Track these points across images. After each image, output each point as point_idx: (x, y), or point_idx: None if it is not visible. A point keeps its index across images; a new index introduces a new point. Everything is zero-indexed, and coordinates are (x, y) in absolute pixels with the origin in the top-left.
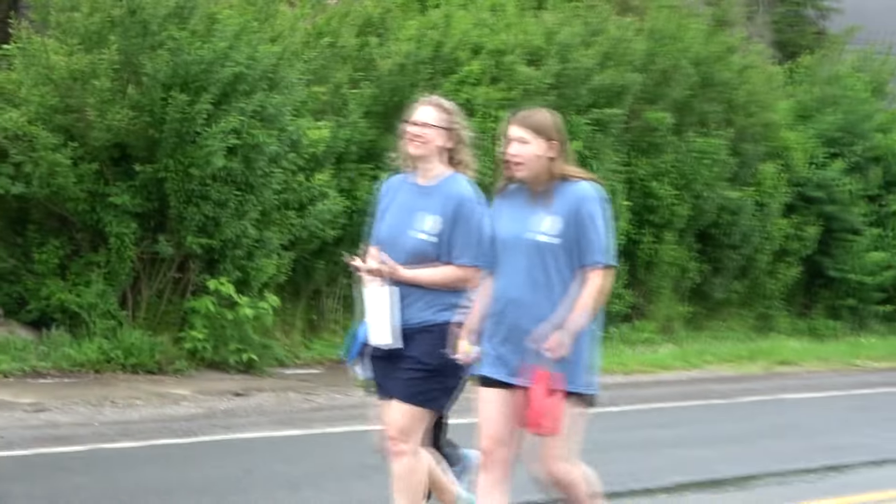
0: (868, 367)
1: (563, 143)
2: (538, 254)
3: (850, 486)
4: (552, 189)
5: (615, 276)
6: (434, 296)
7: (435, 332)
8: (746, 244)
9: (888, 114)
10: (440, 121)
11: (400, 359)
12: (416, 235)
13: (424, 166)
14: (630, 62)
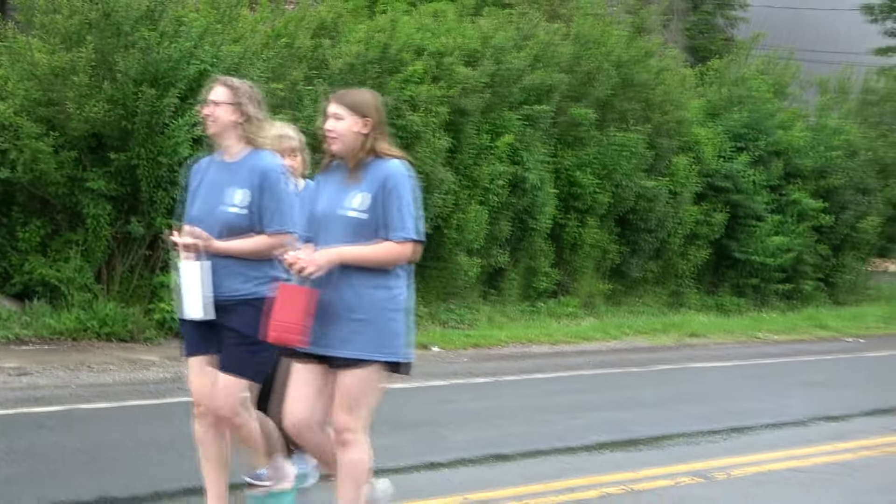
0: (769, 340)
1: (378, 122)
2: (349, 229)
3: (751, 446)
4: (365, 166)
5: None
6: (253, 269)
7: (255, 304)
8: (661, 228)
9: (788, 112)
10: (229, 98)
11: (221, 330)
12: (226, 209)
13: (225, 143)
14: (557, 64)
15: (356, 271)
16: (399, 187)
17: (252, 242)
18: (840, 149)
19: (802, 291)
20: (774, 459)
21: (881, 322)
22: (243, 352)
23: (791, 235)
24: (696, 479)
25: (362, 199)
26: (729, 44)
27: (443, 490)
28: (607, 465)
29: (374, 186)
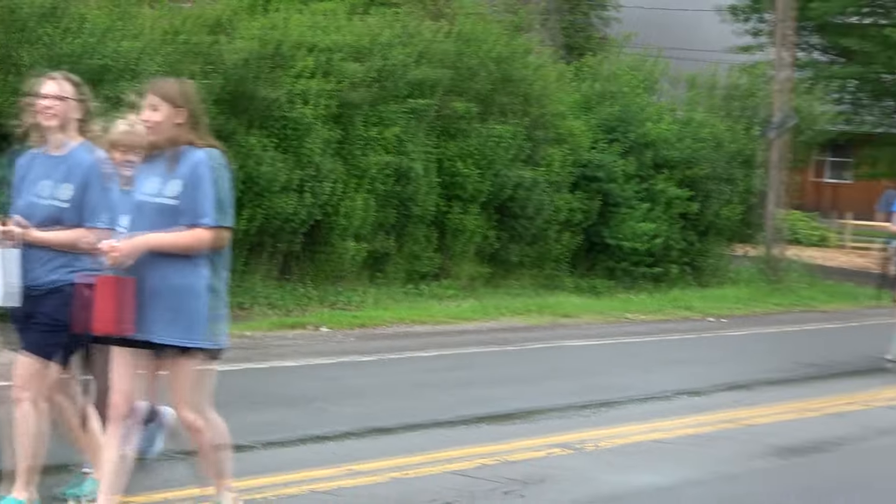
0: (637, 320)
1: (192, 112)
2: (162, 216)
3: (619, 419)
4: (179, 154)
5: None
6: (66, 258)
7: (65, 291)
8: (538, 216)
9: (657, 106)
10: (70, 93)
11: (33, 316)
12: (50, 202)
13: (54, 137)
14: (441, 60)
15: (163, 258)
16: (205, 175)
17: (70, 234)
18: (706, 141)
19: (669, 274)
20: (640, 432)
21: (741, 303)
22: (48, 334)
23: (659, 222)
24: (567, 451)
25: (174, 186)
26: (603, 42)
27: (329, 461)
28: (483, 437)
29: (184, 174)
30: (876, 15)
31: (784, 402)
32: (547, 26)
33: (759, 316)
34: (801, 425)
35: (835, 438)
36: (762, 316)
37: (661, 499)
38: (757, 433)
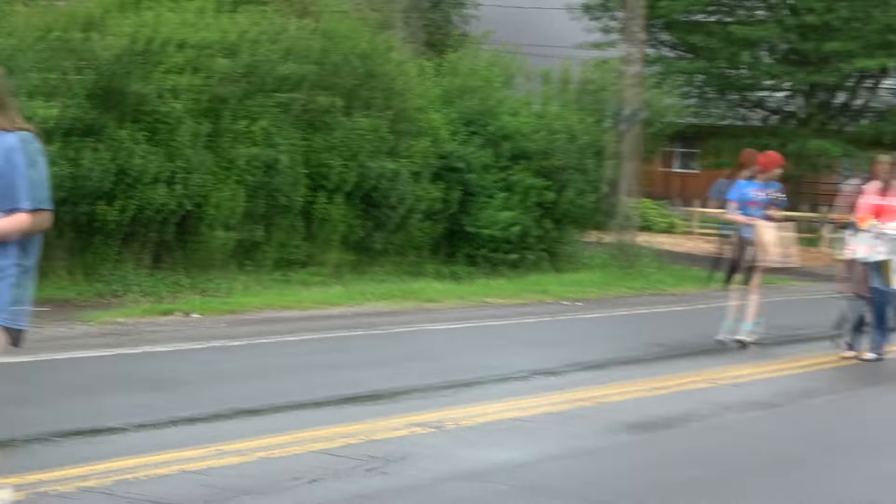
0: (496, 304)
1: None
2: None
3: (480, 399)
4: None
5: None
6: None
7: None
8: (401, 205)
9: (515, 100)
10: None
11: None
12: None
13: None
14: (307, 56)
15: None
16: (19, 159)
17: None
18: (560, 133)
19: (526, 260)
20: (500, 410)
21: (595, 287)
22: None
23: (517, 211)
24: (428, 429)
25: None
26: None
27: (198, 442)
28: (348, 417)
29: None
30: (720, 13)
31: (635, 380)
32: (409, 24)
33: (612, 299)
34: (651, 402)
35: (683, 414)
36: (615, 299)
37: (518, 474)
38: (610, 410)
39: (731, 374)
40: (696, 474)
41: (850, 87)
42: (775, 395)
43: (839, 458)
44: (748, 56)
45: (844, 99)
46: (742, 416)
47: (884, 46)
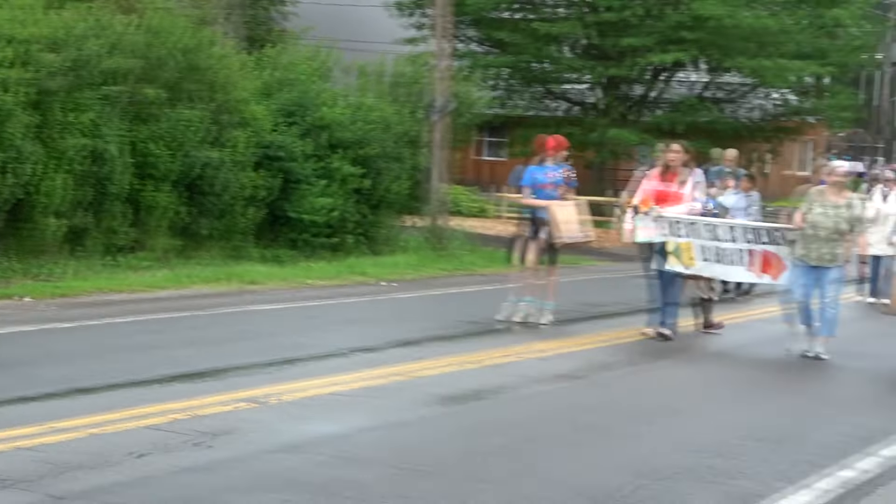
0: (317, 286)
1: None
2: None
3: (300, 375)
4: None
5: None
6: None
7: None
8: (224, 193)
9: (331, 92)
10: None
11: None
12: None
13: None
14: (132, 51)
15: None
16: None
17: None
18: (375, 123)
19: (345, 244)
20: (319, 386)
21: (410, 269)
22: None
23: (335, 197)
24: (252, 405)
25: None
26: (282, 34)
27: (32, 420)
28: (176, 394)
29: None
30: (525, 10)
31: (448, 356)
32: (230, 20)
33: (427, 280)
34: (464, 376)
35: (493, 387)
36: (429, 280)
37: (337, 445)
38: (425, 384)
39: (538, 349)
40: (505, 442)
41: (646, 80)
42: (579, 368)
43: (640, 426)
44: (551, 51)
45: (641, 91)
46: (548, 387)
47: (677, 42)
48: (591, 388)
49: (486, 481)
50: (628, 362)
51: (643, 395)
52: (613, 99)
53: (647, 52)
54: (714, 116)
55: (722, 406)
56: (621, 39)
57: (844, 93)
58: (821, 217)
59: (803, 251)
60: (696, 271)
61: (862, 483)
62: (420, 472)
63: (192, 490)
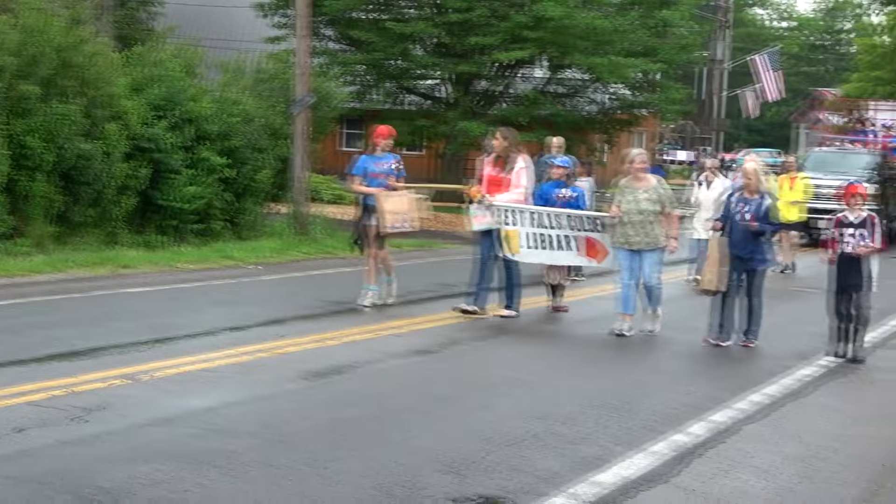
0: (186, 269)
1: None
2: None
3: (171, 353)
4: None
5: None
6: None
7: None
8: (98, 182)
9: (197, 88)
10: None
11: None
12: None
13: None
14: (7, 49)
15: None
16: None
17: None
18: (239, 116)
19: (213, 230)
20: (189, 363)
21: (275, 252)
22: None
23: (203, 186)
24: (126, 381)
25: None
26: (150, 33)
27: None
28: (54, 372)
29: None
30: (379, 11)
31: (310, 333)
32: (101, 20)
33: (290, 263)
34: (325, 352)
35: (352, 362)
36: (292, 263)
37: (207, 418)
38: (288, 360)
39: (392, 326)
40: (363, 412)
41: (492, 76)
42: (432, 344)
43: (489, 396)
44: (404, 49)
45: (486, 86)
46: (404, 361)
47: (520, 41)
48: (443, 362)
49: (347, 450)
50: (478, 338)
51: (492, 367)
52: (462, 93)
53: (493, 51)
54: (554, 109)
55: (564, 377)
56: (468, 38)
57: (673, 88)
58: (630, 205)
59: (622, 238)
60: (520, 258)
61: (694, 446)
62: (285, 442)
63: (70, 462)
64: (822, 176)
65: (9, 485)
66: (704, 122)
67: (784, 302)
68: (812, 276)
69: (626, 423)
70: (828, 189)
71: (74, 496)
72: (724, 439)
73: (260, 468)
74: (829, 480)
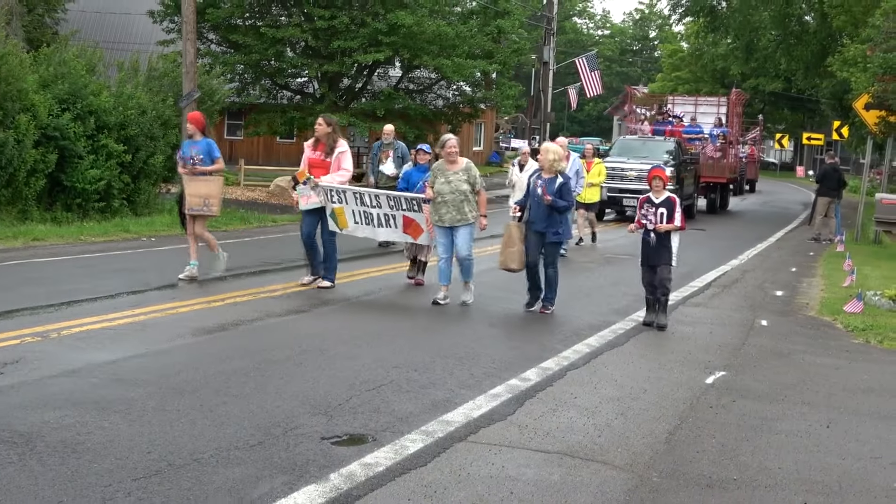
0: (90, 241)
1: None
2: None
3: (76, 314)
4: None
5: None
6: None
7: None
8: (10, 166)
9: (97, 84)
10: None
11: None
12: None
13: None
14: None
15: None
16: None
17: None
18: (134, 109)
19: (112, 207)
20: (94, 322)
21: (166, 227)
22: None
23: (103, 169)
24: (37, 339)
25: None
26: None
27: None
28: None
29: None
30: (254, 17)
31: (198, 297)
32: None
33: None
34: (211, 312)
35: (234, 320)
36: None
37: (109, 370)
38: (179, 320)
39: (269, 290)
40: (246, 364)
41: (352, 75)
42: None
43: (351, 348)
44: (276, 51)
45: (348, 83)
46: (281, 319)
47: (377, 44)
48: (313, 320)
49: (231, 396)
50: (344, 299)
51: (353, 324)
52: (328, 89)
53: (354, 53)
54: (407, 104)
55: (412, 333)
56: (333, 42)
57: (508, 85)
58: (443, 186)
59: (436, 216)
60: (350, 232)
61: (528, 389)
62: (178, 390)
63: None
64: (626, 160)
65: None
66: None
67: (602, 267)
68: (622, 245)
69: (470, 370)
70: (630, 171)
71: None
72: (553, 382)
73: (156, 413)
74: (640, 416)
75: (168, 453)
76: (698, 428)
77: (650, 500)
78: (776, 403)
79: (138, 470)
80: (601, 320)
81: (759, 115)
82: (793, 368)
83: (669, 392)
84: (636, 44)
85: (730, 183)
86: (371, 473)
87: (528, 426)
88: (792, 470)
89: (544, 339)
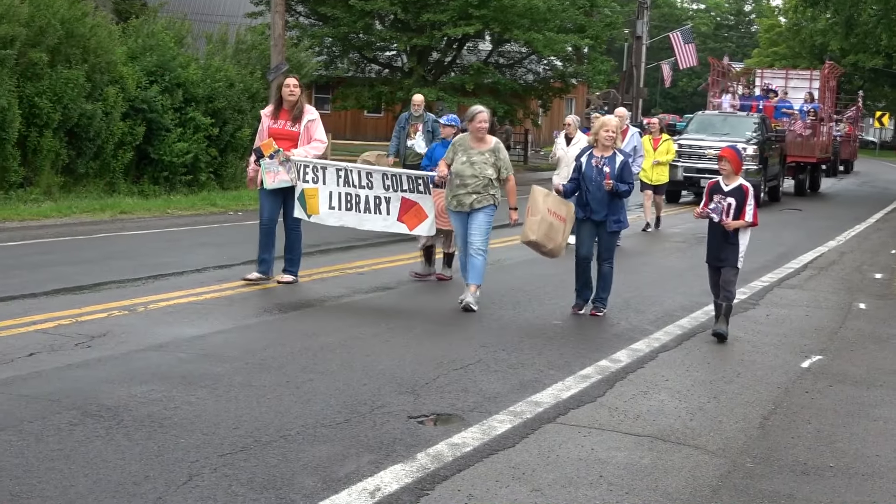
0: (177, 215)
1: None
2: None
3: (164, 288)
4: None
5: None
6: None
7: None
8: (98, 138)
9: (185, 56)
10: None
11: None
12: None
13: None
14: (18, 20)
15: None
16: None
17: None
18: (222, 81)
19: (199, 181)
20: (180, 297)
21: (253, 200)
22: None
23: (190, 142)
24: (124, 312)
25: None
26: (144, 8)
27: None
28: (60, 305)
29: None
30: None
31: None
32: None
33: None
34: (298, 288)
35: (321, 297)
36: None
37: (195, 344)
38: (266, 294)
39: (356, 266)
40: (332, 341)
41: (441, 49)
42: (388, 282)
43: (437, 326)
44: (365, 24)
45: (437, 57)
46: (367, 296)
47: (465, 18)
48: (399, 298)
49: (318, 372)
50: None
51: (440, 302)
52: (416, 63)
53: (444, 26)
54: (496, 78)
55: (501, 312)
56: (422, 15)
57: (600, 60)
58: (464, 167)
59: (454, 202)
60: (320, 220)
61: (618, 370)
62: (263, 365)
63: (77, 383)
64: (704, 137)
65: (23, 402)
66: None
67: (693, 247)
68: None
69: (559, 350)
70: (710, 150)
71: (81, 412)
72: (643, 364)
73: (242, 388)
74: (733, 400)
75: (255, 429)
76: (793, 413)
77: (743, 485)
78: (874, 389)
79: (224, 446)
80: (693, 301)
81: (858, 91)
82: (892, 353)
83: (763, 376)
84: (731, 18)
85: (821, 163)
86: (458, 454)
87: (618, 408)
88: (891, 458)
89: (635, 320)
